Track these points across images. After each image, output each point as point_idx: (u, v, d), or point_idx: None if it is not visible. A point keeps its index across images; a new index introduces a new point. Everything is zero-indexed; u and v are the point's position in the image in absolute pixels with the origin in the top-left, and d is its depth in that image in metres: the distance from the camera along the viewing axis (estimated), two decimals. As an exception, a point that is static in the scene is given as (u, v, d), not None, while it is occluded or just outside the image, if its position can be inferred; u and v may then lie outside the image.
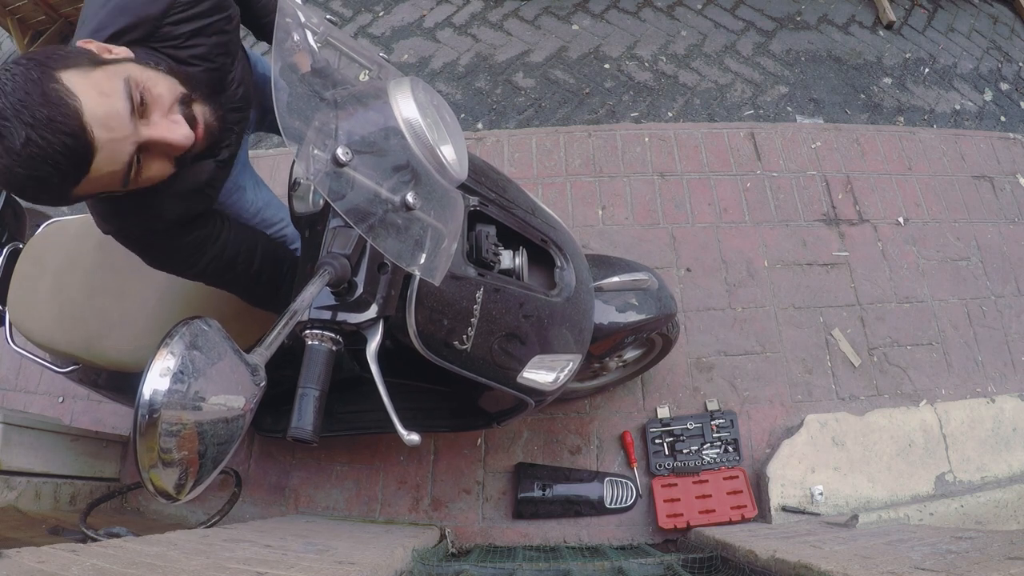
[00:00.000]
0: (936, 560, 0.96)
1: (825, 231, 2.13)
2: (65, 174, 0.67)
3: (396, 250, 0.71)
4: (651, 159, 2.25)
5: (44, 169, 0.65)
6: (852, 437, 1.77)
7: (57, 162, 0.65)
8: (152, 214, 0.88)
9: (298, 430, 0.68)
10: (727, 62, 2.62)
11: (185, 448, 0.50)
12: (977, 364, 1.96)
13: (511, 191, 1.18)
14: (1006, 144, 2.39)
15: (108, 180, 0.73)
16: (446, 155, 0.77)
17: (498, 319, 1.02)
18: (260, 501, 1.85)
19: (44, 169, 0.65)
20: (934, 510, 1.63)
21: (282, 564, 0.97)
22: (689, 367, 1.91)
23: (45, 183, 0.67)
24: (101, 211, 0.89)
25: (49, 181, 0.67)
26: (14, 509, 1.53)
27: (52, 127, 0.64)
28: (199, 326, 0.52)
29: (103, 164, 0.70)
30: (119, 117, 0.70)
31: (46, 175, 0.66)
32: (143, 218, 0.89)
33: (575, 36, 2.70)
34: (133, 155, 0.73)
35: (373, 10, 2.86)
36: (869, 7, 2.87)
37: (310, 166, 0.67)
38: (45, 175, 0.66)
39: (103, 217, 0.90)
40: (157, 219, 0.89)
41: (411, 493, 1.81)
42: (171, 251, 0.95)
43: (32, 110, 0.63)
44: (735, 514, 1.68)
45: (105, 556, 0.92)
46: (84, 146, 0.67)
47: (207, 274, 1.01)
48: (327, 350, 0.73)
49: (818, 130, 2.34)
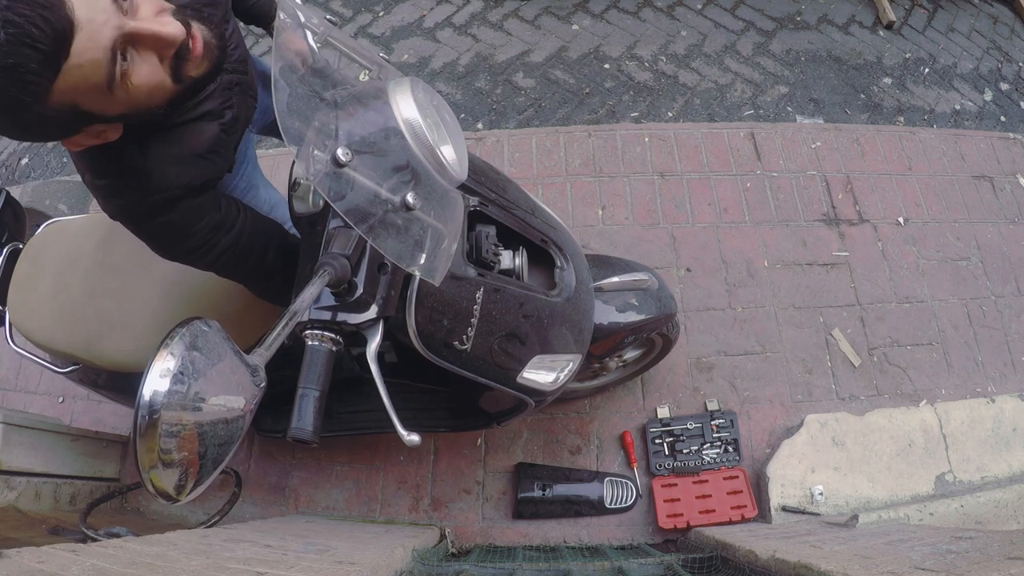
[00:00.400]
0: (936, 560, 0.96)
1: (825, 231, 2.13)
2: (45, 56, 0.61)
3: (396, 250, 0.71)
4: (651, 159, 2.25)
5: (22, 53, 0.59)
6: (852, 437, 1.77)
7: (35, 40, 0.59)
8: (154, 183, 0.83)
9: (298, 431, 0.68)
10: (727, 62, 2.62)
11: (185, 449, 0.49)
12: (977, 364, 1.96)
13: (511, 191, 1.18)
14: (1006, 144, 2.39)
15: (91, 71, 0.66)
16: (446, 155, 0.77)
17: (498, 319, 1.02)
18: (260, 501, 1.85)
19: (22, 53, 0.59)
20: (934, 510, 1.63)
21: (282, 564, 0.97)
22: (689, 367, 1.91)
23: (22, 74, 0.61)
24: (102, 190, 0.84)
25: (26, 68, 0.60)
26: (14, 509, 1.53)
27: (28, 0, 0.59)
28: (199, 327, 0.52)
29: (84, 46, 0.64)
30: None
31: (23, 60, 0.60)
32: (146, 190, 0.83)
33: (575, 36, 2.70)
34: (116, 43, 0.66)
35: (373, 10, 2.85)
36: (869, 7, 2.87)
37: (310, 166, 0.67)
38: (22, 60, 0.60)
39: (105, 196, 0.85)
40: (160, 189, 0.83)
41: (411, 493, 1.81)
42: (182, 235, 0.90)
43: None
44: (735, 514, 1.68)
45: (105, 556, 0.92)
46: (63, 19, 0.61)
47: (220, 263, 0.97)
48: (327, 350, 0.73)
49: (818, 130, 2.34)
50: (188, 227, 0.89)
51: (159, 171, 0.82)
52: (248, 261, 0.98)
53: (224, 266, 0.98)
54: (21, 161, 2.66)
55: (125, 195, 0.84)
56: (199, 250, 0.92)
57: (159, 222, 0.87)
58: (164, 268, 1.16)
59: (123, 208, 0.85)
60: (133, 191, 0.83)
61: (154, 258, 0.95)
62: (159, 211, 0.85)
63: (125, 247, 1.30)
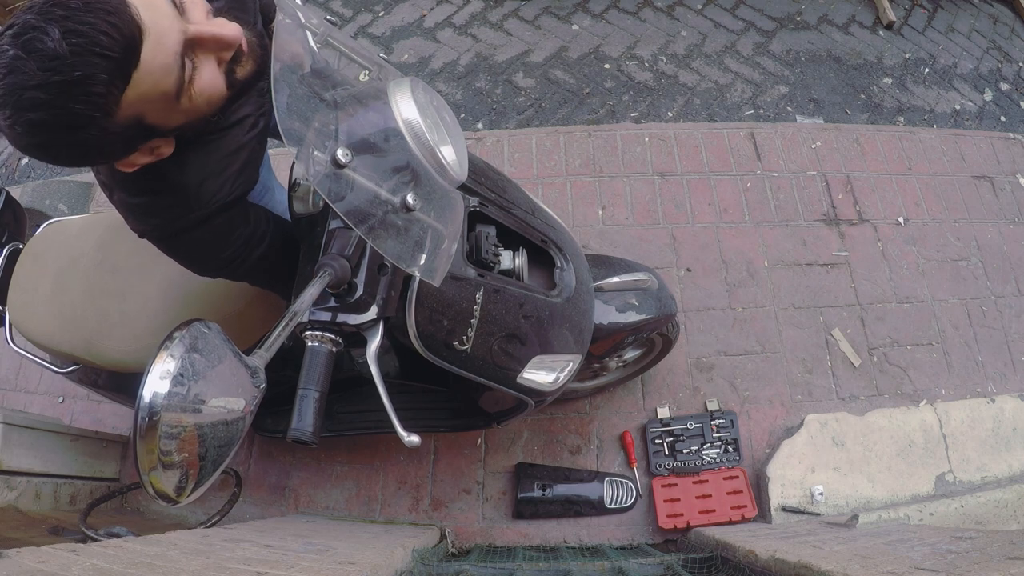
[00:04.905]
0: (936, 560, 0.96)
1: (825, 231, 2.13)
2: (115, 65, 0.58)
3: (396, 251, 0.71)
4: (651, 159, 2.25)
5: (90, 63, 0.56)
6: (852, 437, 1.77)
7: (104, 48, 0.56)
8: (193, 199, 0.79)
9: (298, 431, 0.68)
10: (727, 62, 2.62)
11: (185, 451, 0.49)
12: (977, 364, 1.96)
13: (511, 191, 1.18)
14: (1006, 144, 2.39)
15: (161, 78, 0.63)
16: (446, 156, 0.77)
17: (498, 320, 1.02)
18: (260, 501, 1.85)
19: (90, 63, 0.56)
20: (934, 510, 1.63)
21: (282, 564, 0.97)
22: (689, 367, 1.91)
23: (89, 87, 0.57)
24: (137, 209, 0.80)
25: (95, 79, 0.57)
26: (14, 509, 1.53)
27: (91, 8, 0.56)
28: (199, 329, 0.52)
29: (153, 52, 0.61)
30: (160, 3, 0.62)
31: (92, 71, 0.56)
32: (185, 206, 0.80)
33: (575, 36, 2.70)
34: (182, 49, 0.64)
35: (373, 10, 2.85)
36: (869, 7, 2.87)
37: (310, 167, 0.67)
38: (91, 71, 0.56)
39: (140, 215, 0.81)
40: (199, 205, 0.80)
41: (411, 493, 1.81)
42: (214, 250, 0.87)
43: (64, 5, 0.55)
44: (735, 514, 1.68)
45: (105, 556, 0.92)
46: (130, 24, 0.58)
47: (254, 274, 0.95)
48: (327, 351, 0.73)
49: (818, 130, 2.34)
50: (220, 242, 0.87)
51: (198, 186, 0.80)
52: (280, 269, 0.96)
53: (257, 276, 0.97)
54: (21, 161, 2.66)
55: (163, 213, 0.81)
56: (232, 263, 0.91)
57: (192, 238, 0.84)
58: (164, 268, 1.16)
59: (158, 227, 0.82)
60: (171, 208, 0.80)
61: (154, 258, 0.93)
62: (193, 228, 0.83)
63: (125, 247, 1.30)
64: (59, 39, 0.54)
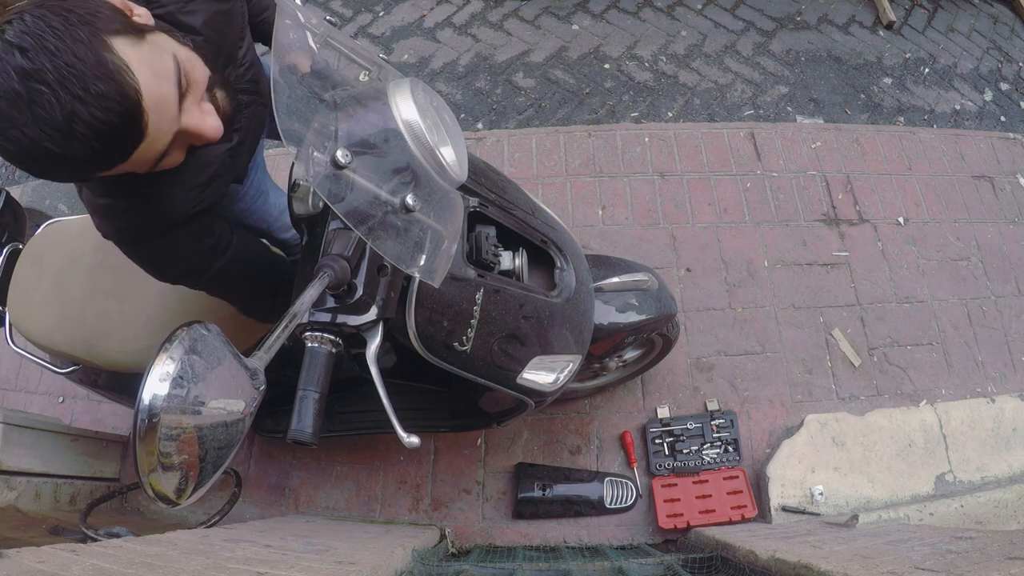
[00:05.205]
0: (936, 560, 0.96)
1: (825, 231, 2.13)
2: (104, 156, 0.59)
3: (396, 252, 0.71)
4: (651, 159, 2.25)
5: (81, 149, 0.56)
6: (852, 437, 1.77)
7: (102, 144, 0.57)
8: (157, 207, 0.80)
9: (298, 432, 0.68)
10: (727, 62, 2.62)
11: (185, 452, 0.49)
12: (977, 364, 1.96)
13: (511, 192, 1.18)
14: (1006, 144, 2.39)
15: (137, 166, 0.66)
16: (446, 157, 0.77)
17: (498, 320, 1.02)
18: (260, 501, 1.85)
19: (81, 149, 0.56)
20: (934, 510, 1.63)
21: (282, 564, 0.97)
22: (689, 367, 1.91)
23: (72, 162, 0.58)
24: (103, 210, 0.80)
25: (78, 161, 0.58)
26: (14, 509, 1.53)
27: (105, 106, 0.55)
28: (199, 330, 0.52)
29: (144, 151, 0.63)
30: (170, 103, 0.63)
31: (80, 155, 0.57)
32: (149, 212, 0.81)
33: (575, 36, 2.69)
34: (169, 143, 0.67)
35: (373, 10, 2.85)
36: (869, 7, 2.87)
37: (309, 168, 0.67)
38: (79, 155, 0.57)
39: (104, 215, 0.81)
40: (163, 214, 0.81)
41: (411, 493, 1.81)
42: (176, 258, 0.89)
43: (85, 82, 0.54)
44: (735, 514, 1.68)
45: (105, 556, 0.92)
46: (136, 132, 0.59)
47: (212, 284, 0.97)
48: (327, 352, 0.73)
49: (818, 130, 2.34)
50: (183, 251, 0.88)
51: (164, 196, 0.80)
52: (239, 282, 0.99)
53: (216, 288, 0.99)
54: (21, 161, 2.66)
55: (125, 217, 0.81)
56: (192, 273, 0.92)
57: (155, 245, 0.85)
58: (164, 269, 1.16)
59: (120, 230, 0.83)
60: (134, 213, 0.81)
61: None
62: (155, 236, 0.84)
63: (125, 248, 1.30)
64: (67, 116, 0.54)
